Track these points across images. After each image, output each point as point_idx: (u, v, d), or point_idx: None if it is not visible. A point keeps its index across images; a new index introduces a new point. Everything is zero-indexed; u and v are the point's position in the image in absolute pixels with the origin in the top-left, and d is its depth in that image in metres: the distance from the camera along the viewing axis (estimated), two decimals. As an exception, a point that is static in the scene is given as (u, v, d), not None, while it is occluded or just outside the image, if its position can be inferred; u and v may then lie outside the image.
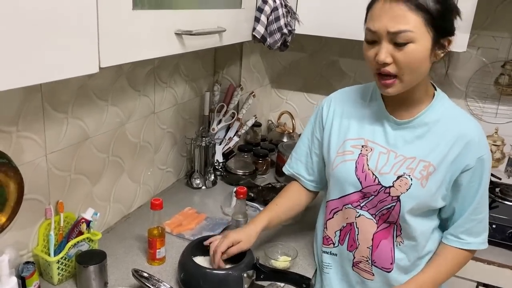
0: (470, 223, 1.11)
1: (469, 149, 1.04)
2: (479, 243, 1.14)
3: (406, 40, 0.93)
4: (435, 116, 1.07)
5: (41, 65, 0.72)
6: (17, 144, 1.07)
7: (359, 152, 1.12)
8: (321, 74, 2.17)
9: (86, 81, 1.25)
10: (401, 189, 1.07)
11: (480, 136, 1.06)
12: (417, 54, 0.95)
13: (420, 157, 1.06)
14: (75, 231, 1.21)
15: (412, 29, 0.92)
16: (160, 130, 1.65)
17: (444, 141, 1.05)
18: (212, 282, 1.12)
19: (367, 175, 1.10)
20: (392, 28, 0.93)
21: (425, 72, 1.00)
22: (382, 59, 0.95)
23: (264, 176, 1.96)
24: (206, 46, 1.19)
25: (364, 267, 1.17)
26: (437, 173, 1.05)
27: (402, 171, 1.07)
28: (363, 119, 1.14)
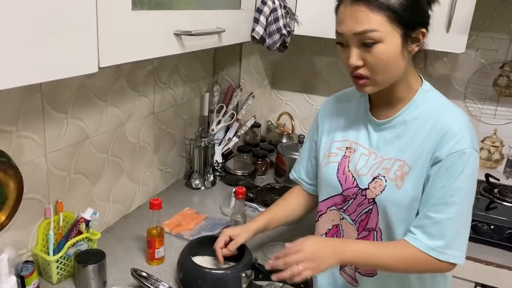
0: (424, 220, 0.98)
1: (443, 141, 0.96)
2: (429, 247, 0.97)
3: (373, 40, 0.91)
4: (416, 113, 1.01)
5: (40, 65, 0.72)
6: (17, 144, 1.08)
7: (343, 154, 1.11)
8: (320, 75, 2.17)
9: (86, 81, 1.26)
10: (375, 191, 1.03)
11: (459, 129, 0.97)
12: (387, 54, 0.92)
13: (396, 156, 1.02)
14: (74, 231, 1.21)
15: (377, 28, 0.90)
16: (159, 130, 1.66)
17: (420, 138, 0.99)
18: (210, 282, 1.12)
19: (347, 177, 1.08)
20: (357, 29, 0.91)
21: (401, 69, 0.97)
22: (353, 63, 0.94)
23: (263, 176, 1.97)
24: (205, 47, 1.20)
25: (349, 272, 1.15)
26: (413, 173, 0.99)
27: (378, 172, 1.03)
28: (350, 121, 1.12)
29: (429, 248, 0.98)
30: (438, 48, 1.62)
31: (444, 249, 0.97)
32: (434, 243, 0.97)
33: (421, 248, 0.98)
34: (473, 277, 1.51)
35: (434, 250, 0.97)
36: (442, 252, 0.97)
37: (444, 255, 0.97)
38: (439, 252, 0.97)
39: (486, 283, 1.51)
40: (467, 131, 0.97)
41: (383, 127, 1.05)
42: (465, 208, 0.98)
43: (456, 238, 0.98)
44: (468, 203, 0.99)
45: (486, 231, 1.56)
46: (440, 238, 0.97)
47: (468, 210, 0.99)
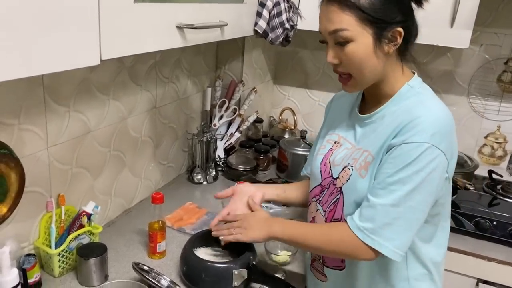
0: (363, 202, 0.97)
1: (403, 130, 0.93)
2: (357, 226, 0.95)
3: (344, 39, 0.92)
4: (394, 108, 1.00)
5: (42, 56, 0.72)
6: (18, 137, 1.08)
7: (330, 146, 1.12)
8: (323, 71, 2.17)
9: (88, 75, 1.25)
10: (343, 179, 1.03)
11: (423, 121, 0.91)
12: (358, 53, 0.92)
13: (365, 147, 1.01)
14: (76, 224, 1.21)
15: (347, 27, 0.91)
16: (161, 125, 1.66)
17: (389, 129, 0.97)
18: (214, 275, 1.12)
19: (326, 168, 1.10)
20: (329, 28, 0.93)
21: (376, 69, 0.96)
22: (329, 61, 0.97)
23: (265, 172, 1.96)
24: (207, 40, 1.19)
25: (317, 266, 1.15)
26: (375, 163, 0.98)
27: (347, 162, 1.03)
28: (344, 116, 1.13)
29: (356, 228, 0.95)
30: (442, 43, 1.61)
31: (371, 233, 0.93)
32: (363, 224, 0.95)
33: (350, 226, 0.97)
34: (475, 273, 1.51)
35: (361, 231, 0.95)
36: (368, 235, 0.94)
37: (369, 239, 0.94)
38: (365, 234, 0.94)
39: (488, 280, 1.50)
40: (432, 126, 0.91)
41: (365, 122, 1.05)
42: (407, 202, 0.92)
43: (387, 228, 0.93)
44: (415, 199, 0.92)
45: (488, 227, 1.55)
46: (369, 221, 0.94)
47: (414, 207, 0.93)
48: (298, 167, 1.85)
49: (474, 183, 1.78)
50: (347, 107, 1.14)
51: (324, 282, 1.13)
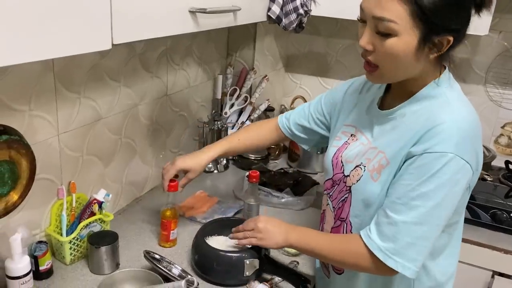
0: (381, 217, 0.90)
1: (424, 137, 0.86)
2: (378, 247, 0.89)
3: (388, 30, 0.82)
4: (417, 107, 0.92)
5: (53, 40, 0.70)
6: (29, 123, 1.06)
7: (346, 139, 1.06)
8: (336, 58, 2.13)
9: (99, 61, 1.24)
10: (353, 179, 0.98)
11: (447, 129, 0.84)
12: (397, 50, 0.83)
13: (380, 147, 0.94)
14: (87, 212, 1.21)
15: (395, 19, 0.81)
16: (172, 112, 1.64)
17: (409, 132, 0.89)
18: (226, 264, 1.11)
19: (338, 163, 1.05)
20: (375, 13, 0.83)
21: (411, 70, 0.88)
22: (362, 44, 0.87)
23: (276, 161, 1.94)
24: (220, 25, 1.16)
25: (324, 262, 1.13)
26: (390, 168, 0.91)
27: (360, 161, 0.97)
28: (364, 107, 1.06)
29: (377, 249, 0.89)
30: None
31: (394, 254, 0.87)
32: (384, 244, 0.88)
33: (369, 246, 0.90)
34: (491, 266, 1.48)
35: (382, 252, 0.88)
36: (391, 257, 0.88)
37: (391, 260, 0.88)
38: (387, 256, 0.88)
39: (504, 272, 1.48)
40: (457, 134, 0.84)
41: (385, 118, 0.97)
42: (431, 219, 0.86)
43: (410, 248, 0.87)
44: (438, 215, 0.87)
45: (505, 219, 1.52)
46: (391, 241, 0.87)
47: (435, 223, 0.87)
48: (310, 157, 1.83)
49: (490, 174, 1.74)
50: (369, 98, 1.06)
51: (328, 278, 1.12)
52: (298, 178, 1.68)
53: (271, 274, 1.15)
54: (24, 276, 0.98)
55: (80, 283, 1.11)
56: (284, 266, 1.14)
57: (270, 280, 1.15)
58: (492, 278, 1.50)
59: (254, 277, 1.15)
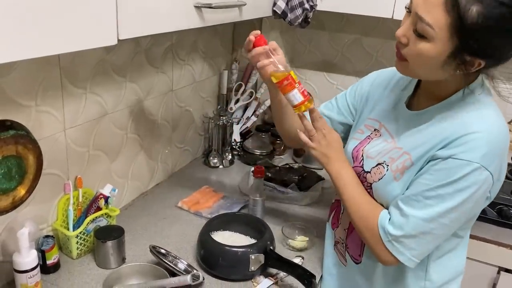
0: (393, 209, 0.93)
1: (452, 144, 0.85)
2: (384, 228, 0.92)
3: (423, 33, 0.81)
4: (446, 113, 0.90)
5: (59, 36, 0.70)
6: (36, 119, 1.07)
7: (369, 134, 1.06)
8: (342, 53, 2.11)
9: (104, 57, 1.24)
10: (374, 176, 0.98)
11: (478, 139, 0.83)
12: (427, 55, 0.82)
13: (405, 149, 0.94)
14: (93, 207, 1.21)
15: (434, 25, 0.79)
16: (178, 108, 1.64)
17: (437, 138, 0.88)
18: (231, 259, 1.12)
19: (358, 156, 1.05)
20: (419, 11, 0.81)
21: (436, 77, 0.87)
22: (398, 35, 0.86)
23: (282, 156, 1.94)
24: (225, 21, 1.16)
25: (340, 249, 1.12)
26: (412, 169, 0.91)
27: (383, 159, 0.97)
28: (390, 103, 1.05)
29: (382, 229, 0.93)
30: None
31: (394, 240, 0.91)
32: (389, 228, 0.91)
33: (379, 222, 0.93)
34: (497, 262, 1.48)
35: (385, 234, 0.92)
36: (390, 240, 0.91)
37: (390, 244, 0.91)
38: (388, 239, 0.91)
39: (510, 268, 1.47)
40: (486, 145, 0.83)
41: (412, 118, 0.97)
42: (441, 219, 0.87)
43: (412, 240, 0.89)
44: (450, 217, 0.87)
45: (511, 215, 1.51)
46: (397, 229, 0.90)
47: (446, 224, 0.88)
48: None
49: (497, 169, 1.73)
50: (396, 94, 1.05)
51: (344, 266, 1.12)
52: (303, 173, 1.68)
53: (276, 269, 1.16)
54: (31, 270, 0.99)
55: (86, 277, 1.12)
56: (289, 261, 1.14)
57: (275, 275, 1.16)
58: (498, 274, 1.49)
59: (259, 272, 1.15)
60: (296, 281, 1.11)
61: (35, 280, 1.00)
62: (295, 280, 1.12)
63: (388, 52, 2.01)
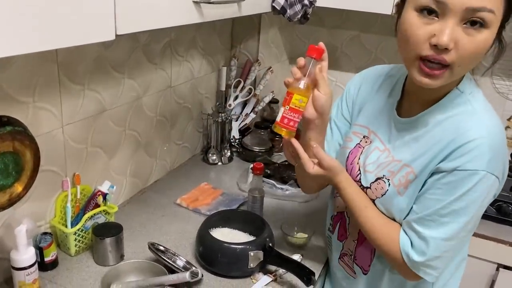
0: (410, 231, 0.90)
1: (455, 154, 0.82)
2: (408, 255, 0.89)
3: (484, 22, 0.73)
4: (441, 117, 0.87)
5: (57, 30, 0.70)
6: (34, 115, 1.06)
7: (358, 141, 1.02)
8: (341, 50, 2.11)
9: (102, 53, 1.23)
10: (376, 192, 0.95)
11: (479, 145, 0.81)
12: (487, 44, 0.76)
13: (405, 161, 0.91)
14: (91, 204, 1.21)
15: (494, 9, 0.72)
16: (176, 104, 1.63)
17: (436, 146, 0.86)
18: (230, 256, 1.12)
19: (353, 169, 1.01)
20: (473, 4, 0.72)
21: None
22: (446, 43, 0.74)
23: (281, 153, 1.93)
24: (224, 16, 1.16)
25: (348, 262, 1.10)
26: (417, 181, 0.89)
27: (383, 174, 0.94)
28: (378, 107, 1.01)
29: (406, 256, 0.90)
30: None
31: (421, 265, 0.89)
32: (414, 256, 0.89)
33: (401, 246, 0.91)
34: (496, 258, 1.48)
35: (410, 260, 0.89)
36: (416, 267, 0.89)
37: (416, 269, 0.90)
38: (413, 265, 0.90)
39: (509, 265, 1.47)
40: (488, 149, 0.81)
41: (405, 126, 0.93)
42: (459, 234, 0.87)
43: (436, 260, 0.88)
44: (465, 229, 0.87)
45: (510, 212, 1.52)
46: (420, 255, 0.88)
47: (463, 236, 0.88)
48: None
49: (496, 166, 1.73)
50: (383, 97, 1.00)
51: (353, 278, 1.09)
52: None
53: (276, 266, 1.15)
54: (29, 267, 0.98)
55: (85, 274, 1.12)
56: (288, 258, 1.14)
57: (274, 272, 1.16)
58: (497, 271, 1.49)
59: (258, 269, 1.15)
60: (295, 278, 1.11)
61: (33, 277, 1.00)
62: (294, 277, 1.11)
63: (387, 48, 2.00)
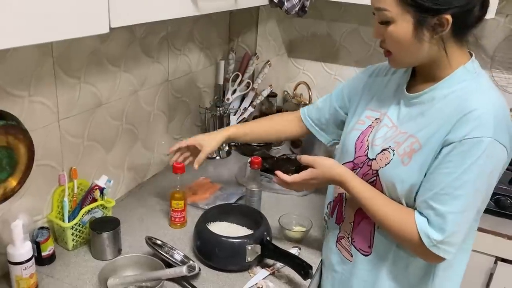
0: (428, 210, 0.91)
1: (460, 123, 0.87)
2: (427, 234, 0.90)
3: (385, 19, 0.90)
4: (446, 91, 0.93)
5: (51, 23, 0.69)
6: (29, 109, 1.06)
7: (370, 123, 1.06)
8: (340, 43, 2.10)
9: (98, 46, 1.22)
10: (380, 162, 0.98)
11: (483, 114, 0.85)
12: (397, 35, 0.90)
13: (410, 132, 0.95)
14: (88, 198, 1.21)
15: (388, 8, 0.88)
16: (174, 98, 1.63)
17: (440, 117, 0.91)
18: (228, 250, 1.11)
19: (362, 146, 1.05)
20: (374, 4, 0.91)
21: (420, 52, 0.91)
22: (373, 36, 0.96)
23: (279, 147, 1.93)
24: (220, 9, 1.15)
25: (345, 244, 1.10)
26: (422, 152, 0.92)
27: (388, 145, 0.98)
28: (389, 93, 1.07)
29: (426, 235, 0.91)
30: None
31: (440, 243, 0.90)
32: (433, 234, 0.90)
33: (419, 228, 0.91)
34: (494, 251, 1.48)
35: (429, 239, 0.90)
36: (436, 245, 0.90)
37: (436, 248, 0.90)
38: (433, 244, 0.90)
39: (507, 258, 1.47)
40: (492, 118, 0.85)
41: (412, 102, 0.98)
42: (472, 204, 0.90)
43: (454, 235, 0.90)
44: (476, 199, 0.90)
45: (509, 205, 1.52)
46: (439, 232, 0.89)
47: (475, 206, 0.91)
48: (312, 143, 1.82)
49: (495, 159, 1.73)
50: (393, 84, 1.07)
51: (349, 262, 1.10)
52: (300, 164, 1.66)
53: (273, 259, 1.15)
54: (26, 261, 0.98)
55: (82, 269, 1.12)
56: (286, 252, 1.14)
57: (272, 266, 1.16)
58: (495, 264, 1.49)
59: (256, 263, 1.15)
60: (293, 272, 1.11)
61: (30, 271, 1.00)
62: (292, 271, 1.11)
63: (386, 41, 1.99)
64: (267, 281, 1.11)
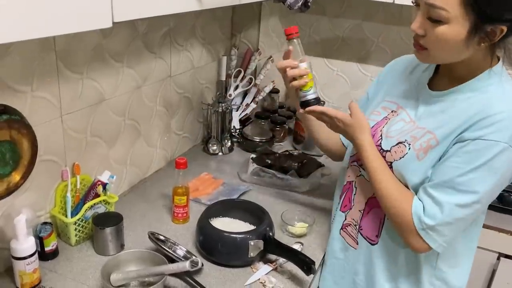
0: (425, 198, 0.92)
1: (478, 125, 0.86)
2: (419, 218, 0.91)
3: (438, 18, 0.84)
4: (470, 94, 0.92)
5: (53, 17, 0.68)
6: (32, 104, 1.06)
7: (386, 115, 1.07)
8: (342, 39, 2.09)
9: (101, 41, 1.22)
10: (395, 155, 0.98)
11: (504, 119, 0.84)
12: (447, 37, 0.85)
13: (429, 128, 0.95)
14: (91, 194, 1.21)
15: (446, 7, 0.82)
16: (176, 94, 1.63)
17: (462, 117, 0.90)
18: (230, 245, 1.12)
19: (375, 135, 1.04)
20: (429, 0, 0.84)
21: (461, 55, 0.88)
22: (413, 29, 0.89)
23: (282, 143, 1.93)
24: (223, 4, 1.14)
25: (351, 232, 1.11)
26: (438, 149, 0.92)
27: (404, 138, 0.98)
28: (409, 86, 1.06)
29: (418, 218, 0.91)
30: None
31: (430, 229, 0.90)
32: (425, 218, 0.91)
33: (412, 210, 0.92)
34: (497, 247, 1.48)
35: (420, 222, 0.91)
36: (425, 229, 0.91)
37: (425, 232, 0.91)
38: (422, 227, 0.91)
39: (510, 254, 1.47)
40: None
41: (434, 99, 0.98)
42: (474, 204, 0.88)
43: (447, 226, 0.90)
44: (481, 201, 0.88)
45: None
46: (431, 218, 0.90)
47: (477, 208, 0.89)
48: (315, 138, 1.82)
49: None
50: (415, 78, 1.06)
51: (354, 249, 1.11)
52: (303, 160, 1.67)
53: (276, 255, 1.15)
54: (29, 256, 0.98)
55: (85, 264, 1.12)
56: (288, 247, 1.14)
57: (275, 262, 1.15)
58: (498, 260, 1.49)
59: (259, 258, 1.15)
60: (296, 267, 1.11)
61: (33, 267, 1.00)
62: (294, 266, 1.11)
63: (389, 37, 1.98)
64: (270, 277, 1.11)
